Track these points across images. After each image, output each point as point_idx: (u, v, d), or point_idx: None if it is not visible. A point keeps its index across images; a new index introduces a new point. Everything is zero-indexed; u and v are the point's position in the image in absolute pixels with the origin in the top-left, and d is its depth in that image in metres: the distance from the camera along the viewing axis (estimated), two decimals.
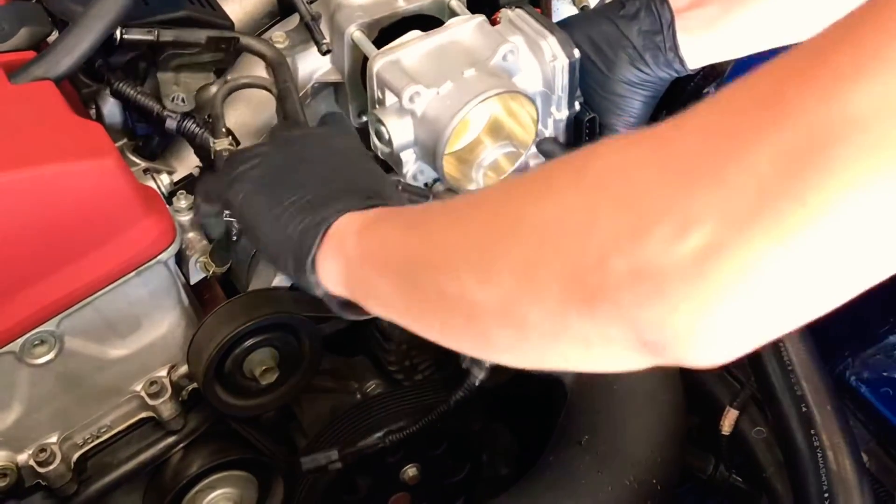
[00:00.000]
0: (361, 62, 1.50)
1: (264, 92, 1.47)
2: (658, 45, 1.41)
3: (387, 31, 1.50)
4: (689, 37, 1.41)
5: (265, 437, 1.57)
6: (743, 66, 1.63)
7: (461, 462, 1.73)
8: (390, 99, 1.42)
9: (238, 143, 1.45)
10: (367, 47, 1.46)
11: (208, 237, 1.41)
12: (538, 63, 1.48)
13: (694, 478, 1.54)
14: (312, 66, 1.54)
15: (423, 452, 1.66)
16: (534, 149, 1.53)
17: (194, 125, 1.41)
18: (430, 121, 1.39)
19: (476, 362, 1.48)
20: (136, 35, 1.40)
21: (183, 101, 1.40)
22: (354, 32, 1.48)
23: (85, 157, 1.24)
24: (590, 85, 1.47)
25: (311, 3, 1.53)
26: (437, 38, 1.45)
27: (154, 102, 1.41)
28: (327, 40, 1.49)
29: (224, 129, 1.40)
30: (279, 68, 1.44)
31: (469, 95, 1.39)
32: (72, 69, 1.34)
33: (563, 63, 1.46)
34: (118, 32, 1.38)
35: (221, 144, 1.38)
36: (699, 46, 1.41)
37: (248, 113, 1.55)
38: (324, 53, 1.49)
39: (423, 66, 1.43)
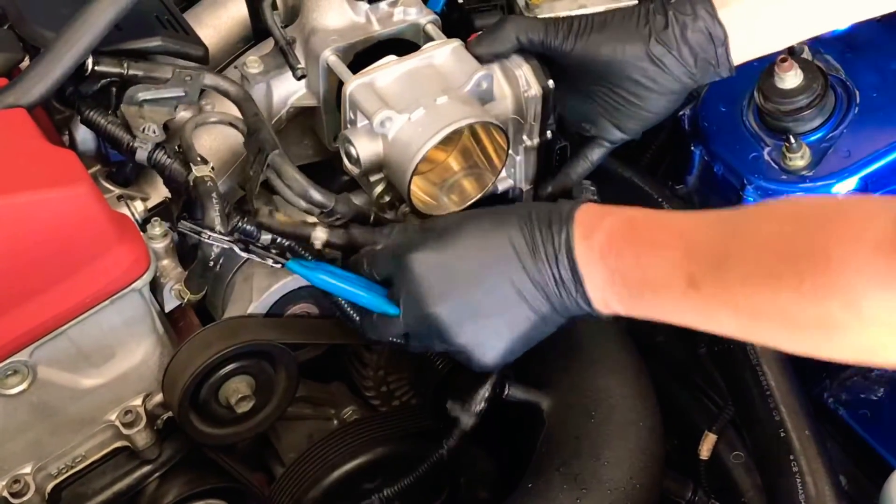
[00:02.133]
0: (337, 87, 1.49)
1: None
2: (710, 62, 1.40)
3: (362, 56, 1.50)
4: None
5: (241, 466, 1.56)
6: (717, 91, 1.64)
7: (439, 487, 1.71)
8: (362, 120, 1.42)
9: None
10: (343, 71, 1.46)
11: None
12: (511, 91, 1.48)
13: (672, 502, 1.53)
14: (287, 90, 1.53)
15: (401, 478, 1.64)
16: (503, 174, 1.52)
17: (165, 156, 1.40)
18: (401, 146, 1.39)
19: (465, 410, 1.46)
20: (106, 67, 1.40)
21: (154, 131, 1.39)
22: (329, 57, 1.47)
23: (58, 185, 1.23)
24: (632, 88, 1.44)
25: (286, 27, 1.52)
26: (412, 62, 1.45)
27: (124, 132, 1.40)
28: (302, 65, 1.48)
29: (199, 157, 1.39)
30: (245, 104, 1.44)
31: (440, 123, 1.39)
32: (45, 97, 1.33)
33: (536, 92, 1.46)
34: (89, 62, 1.37)
35: (202, 171, 1.37)
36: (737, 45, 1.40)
37: (218, 139, 1.54)
38: (299, 78, 1.49)
39: (397, 90, 1.43)
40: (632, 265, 1.17)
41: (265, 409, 1.48)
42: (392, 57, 1.46)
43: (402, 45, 1.53)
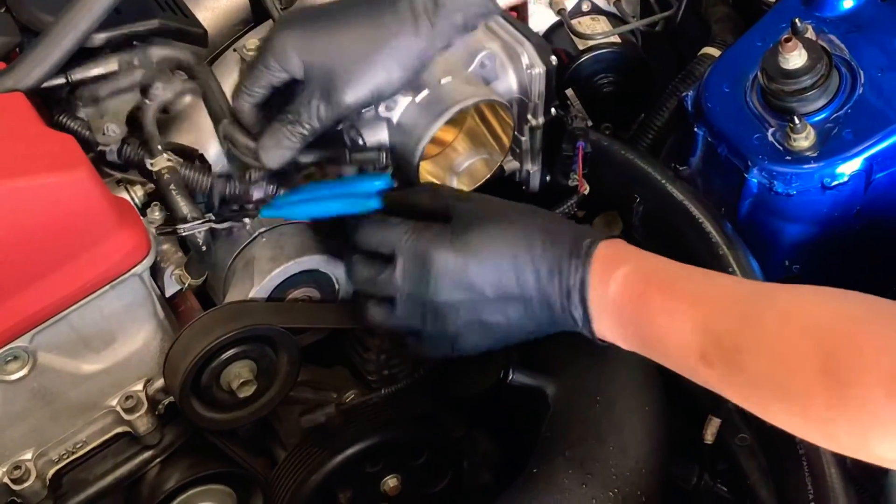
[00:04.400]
0: None
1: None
2: None
3: None
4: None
5: (243, 450, 1.55)
6: (720, 71, 1.62)
7: (442, 471, 1.71)
8: None
9: (192, 154, 1.43)
10: None
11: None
12: (515, 70, 1.47)
13: (677, 486, 1.53)
14: None
15: (404, 462, 1.64)
16: (509, 153, 1.52)
17: (132, 151, 1.38)
18: (406, 129, 1.38)
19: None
20: (48, 82, 1.37)
21: (114, 131, 1.38)
22: None
23: (57, 170, 1.22)
24: None
25: (285, 9, 1.51)
26: None
27: (92, 135, 1.39)
28: None
29: (160, 147, 1.37)
30: (195, 69, 1.43)
31: (445, 104, 1.38)
32: (42, 80, 1.32)
33: (539, 70, 1.45)
34: None
35: (158, 164, 1.35)
36: None
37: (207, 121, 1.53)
38: None
39: None
40: (646, 324, 1.18)
41: (267, 394, 1.47)
42: None
43: None
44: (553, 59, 1.46)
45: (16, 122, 1.27)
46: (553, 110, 1.51)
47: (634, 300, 1.18)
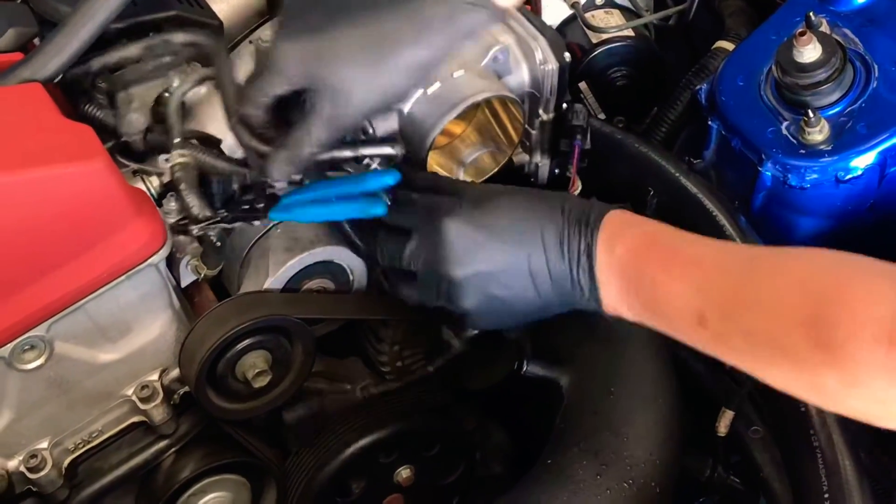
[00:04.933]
0: None
1: None
2: None
3: None
4: None
5: (257, 440, 1.56)
6: (734, 65, 1.62)
7: (455, 462, 1.71)
8: None
9: (215, 142, 1.43)
10: None
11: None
12: (528, 65, 1.47)
13: (691, 479, 1.53)
14: None
15: (417, 453, 1.65)
16: (519, 146, 1.52)
17: (157, 138, 1.39)
18: (417, 121, 1.38)
19: (455, 335, 1.50)
20: (72, 73, 1.37)
21: (136, 120, 1.38)
22: None
23: (74, 160, 1.22)
24: None
25: None
26: None
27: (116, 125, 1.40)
28: None
29: (176, 141, 1.37)
30: (216, 58, 1.41)
31: (457, 97, 1.38)
32: (60, 71, 1.32)
33: (553, 66, 1.46)
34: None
35: (172, 160, 1.36)
36: None
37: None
38: None
39: None
40: (648, 285, 1.19)
41: (282, 384, 1.48)
42: None
43: None
44: (567, 55, 1.46)
45: (33, 113, 1.27)
46: (565, 105, 1.51)
47: (637, 263, 1.20)
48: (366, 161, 1.38)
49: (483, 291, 1.28)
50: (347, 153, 1.36)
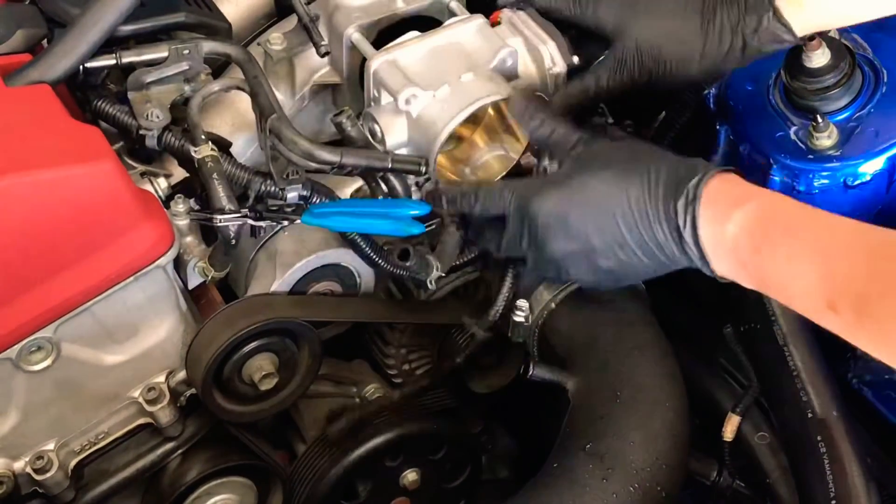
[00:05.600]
0: (360, 64, 1.48)
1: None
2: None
3: (385, 33, 1.49)
4: (793, 7, 1.36)
5: (263, 443, 1.56)
6: (743, 69, 1.62)
7: (461, 466, 1.71)
8: (386, 98, 1.42)
9: (225, 145, 1.43)
10: (366, 48, 1.45)
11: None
12: (536, 67, 1.47)
13: (697, 482, 1.53)
14: (311, 67, 1.53)
15: (423, 456, 1.65)
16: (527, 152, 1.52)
17: (173, 138, 1.39)
18: (425, 124, 1.39)
19: (479, 325, 1.49)
20: (98, 62, 1.38)
21: (158, 116, 1.38)
22: (353, 34, 1.46)
23: (82, 161, 1.23)
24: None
25: (309, 4, 1.51)
26: (436, 38, 1.45)
27: (132, 120, 1.39)
28: (326, 42, 1.47)
29: (203, 136, 1.38)
30: (246, 66, 1.42)
31: (465, 101, 1.38)
32: (68, 72, 1.33)
33: (561, 69, 1.46)
34: None
35: (203, 152, 1.36)
36: (806, 14, 1.37)
37: (238, 113, 1.54)
38: (322, 55, 1.47)
39: (421, 67, 1.42)
40: (767, 267, 1.16)
41: (288, 387, 1.48)
42: (415, 33, 1.46)
43: (425, 21, 1.52)
44: (575, 58, 1.46)
45: (42, 114, 1.27)
46: None
47: (754, 243, 1.16)
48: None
49: (589, 264, 1.29)
50: (377, 164, 1.38)
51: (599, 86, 1.43)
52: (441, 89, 1.39)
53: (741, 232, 1.17)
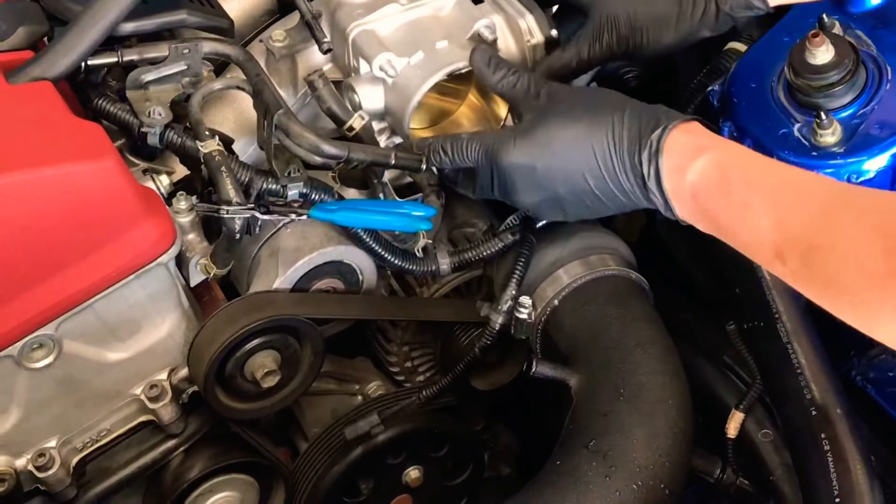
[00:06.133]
0: None
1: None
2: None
3: None
4: None
5: (266, 440, 1.56)
6: (747, 66, 1.62)
7: (464, 463, 1.71)
8: (364, 67, 1.44)
9: (228, 142, 1.43)
10: None
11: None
12: (515, 41, 1.49)
13: (700, 480, 1.53)
14: (313, 64, 1.52)
15: (426, 454, 1.64)
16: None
17: (175, 135, 1.39)
18: (400, 89, 1.41)
19: (494, 309, 1.49)
20: (99, 59, 1.38)
21: (160, 114, 1.38)
22: (356, 31, 1.46)
23: (84, 159, 1.23)
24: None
25: (311, 0, 1.51)
26: (415, 10, 1.47)
27: (134, 118, 1.40)
28: (328, 39, 1.47)
29: (208, 132, 1.38)
30: (247, 65, 1.43)
31: (438, 65, 1.40)
32: (70, 69, 1.33)
33: (539, 41, 1.47)
34: None
35: (209, 147, 1.36)
36: None
37: (242, 106, 1.53)
38: (325, 52, 1.47)
39: (398, 36, 1.45)
40: (723, 214, 1.20)
41: (290, 384, 1.48)
42: (395, 6, 1.47)
43: None
44: (554, 31, 1.48)
45: (43, 112, 1.27)
46: None
47: (711, 190, 1.20)
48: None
49: (558, 209, 1.36)
50: (382, 159, 1.39)
51: (581, 58, 1.48)
52: (415, 55, 1.41)
53: (700, 180, 1.21)
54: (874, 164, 1.47)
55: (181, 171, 1.48)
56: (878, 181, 1.48)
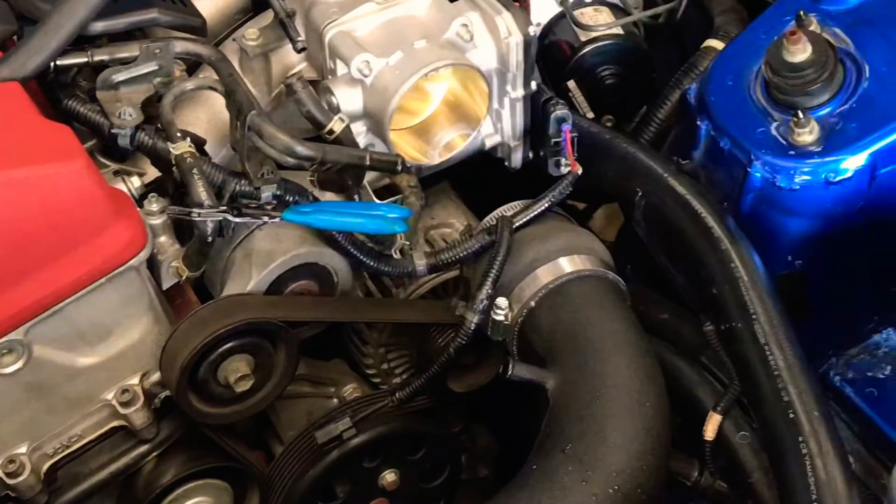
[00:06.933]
0: None
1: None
2: None
3: None
4: None
5: (240, 445, 1.54)
6: (724, 64, 1.61)
7: (440, 466, 1.70)
8: (342, 69, 1.43)
9: (200, 143, 1.42)
10: None
11: None
12: (493, 39, 1.48)
13: (678, 483, 1.52)
14: (287, 63, 1.51)
15: (402, 457, 1.63)
16: (489, 127, 1.51)
17: (146, 137, 1.38)
18: (379, 90, 1.40)
19: (469, 308, 1.46)
20: (69, 59, 1.36)
21: (130, 115, 1.36)
22: (332, 31, 1.45)
23: (53, 161, 1.21)
24: None
25: None
26: (392, 10, 1.47)
27: (104, 119, 1.38)
28: (303, 38, 1.45)
29: (180, 133, 1.36)
30: (219, 65, 1.42)
31: (417, 66, 1.40)
32: (39, 69, 1.31)
33: (517, 39, 1.46)
34: None
35: (180, 148, 1.34)
36: None
37: (214, 108, 1.52)
38: (299, 51, 1.46)
39: (375, 36, 1.44)
40: None
41: (265, 388, 1.46)
42: (371, 5, 1.46)
43: None
44: (532, 28, 1.47)
45: (11, 113, 1.25)
46: (533, 84, 1.52)
47: None
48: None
49: None
50: (356, 160, 1.39)
51: None
52: (394, 55, 1.40)
53: None
54: (852, 163, 1.47)
55: (153, 172, 1.46)
56: (855, 180, 1.47)
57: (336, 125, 1.39)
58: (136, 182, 1.40)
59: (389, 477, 1.63)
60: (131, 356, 1.40)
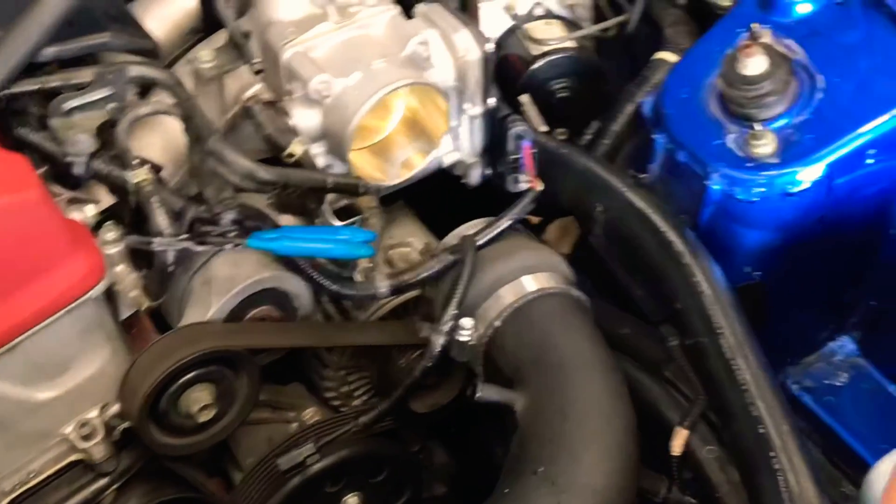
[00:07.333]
0: None
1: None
2: None
3: None
4: None
5: (199, 473, 1.52)
6: (678, 77, 1.61)
7: (402, 486, 1.68)
8: (299, 90, 1.41)
9: (158, 169, 1.39)
10: None
11: None
12: (451, 57, 1.47)
13: (646, 500, 1.51)
14: (242, 85, 1.48)
15: (364, 480, 1.61)
16: (449, 145, 1.49)
17: (102, 164, 1.35)
18: (338, 111, 1.39)
19: (434, 329, 1.45)
20: (21, 87, 1.33)
21: (84, 141, 1.33)
22: (290, 52, 1.43)
23: (6, 192, 1.18)
24: None
25: (238, 18, 1.48)
26: (349, 30, 1.45)
27: (57, 147, 1.35)
28: (259, 59, 1.43)
29: (137, 161, 1.33)
30: (175, 90, 1.39)
31: (377, 86, 1.38)
32: None
33: (475, 56, 1.45)
34: None
35: (139, 176, 1.32)
36: None
37: (169, 133, 1.49)
38: (256, 73, 1.44)
39: (333, 56, 1.43)
40: None
41: (226, 417, 1.44)
42: (328, 24, 1.45)
43: None
44: (489, 45, 1.47)
45: None
46: (492, 101, 1.52)
47: None
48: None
49: None
50: (318, 184, 1.38)
51: None
52: (353, 76, 1.39)
53: None
54: (809, 174, 1.47)
55: (107, 199, 1.43)
56: (813, 191, 1.48)
57: (296, 148, 1.37)
58: (91, 210, 1.36)
59: (352, 500, 1.61)
60: (90, 389, 1.37)
